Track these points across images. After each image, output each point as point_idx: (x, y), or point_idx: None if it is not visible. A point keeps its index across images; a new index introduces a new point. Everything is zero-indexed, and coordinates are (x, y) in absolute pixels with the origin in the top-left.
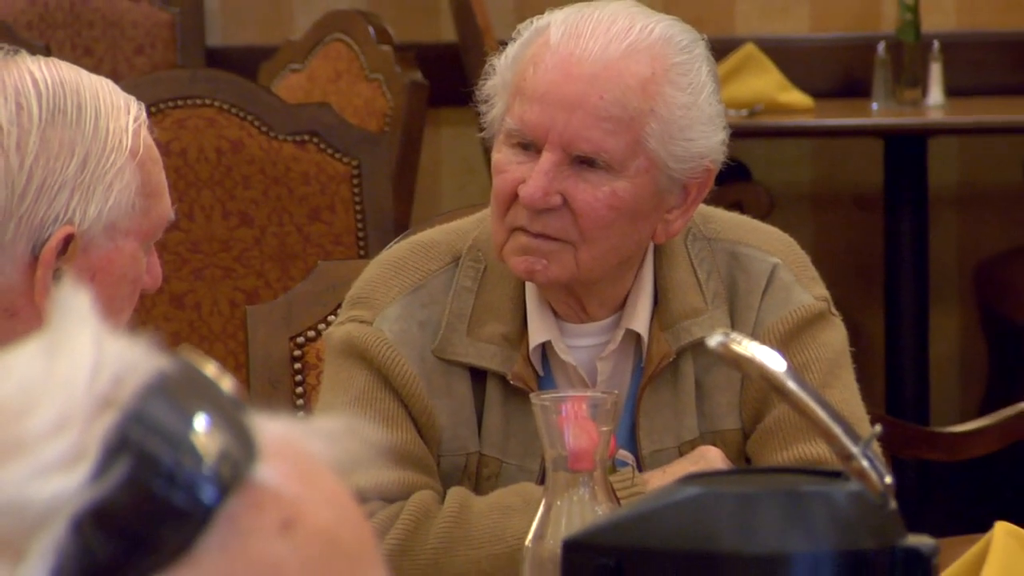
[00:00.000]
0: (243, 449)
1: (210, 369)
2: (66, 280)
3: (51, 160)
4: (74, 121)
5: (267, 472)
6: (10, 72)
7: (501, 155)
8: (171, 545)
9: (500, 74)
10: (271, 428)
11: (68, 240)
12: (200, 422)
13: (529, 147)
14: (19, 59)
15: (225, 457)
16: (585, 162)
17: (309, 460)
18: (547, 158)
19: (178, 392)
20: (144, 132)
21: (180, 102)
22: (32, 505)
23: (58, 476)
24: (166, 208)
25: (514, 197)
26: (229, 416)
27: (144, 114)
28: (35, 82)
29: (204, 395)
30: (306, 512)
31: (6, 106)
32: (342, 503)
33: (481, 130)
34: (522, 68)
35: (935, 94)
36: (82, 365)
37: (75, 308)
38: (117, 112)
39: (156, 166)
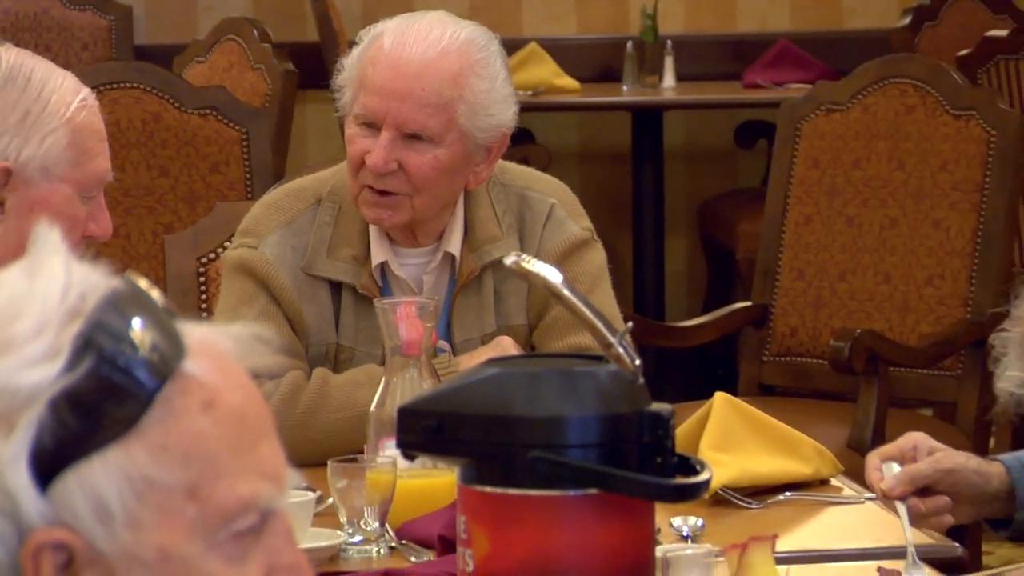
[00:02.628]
0: (174, 347)
1: (151, 289)
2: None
3: None
4: (22, 88)
5: (192, 365)
6: None
7: (351, 130)
8: (122, 420)
9: (348, 70)
10: (195, 331)
11: (8, 173)
12: (137, 323)
13: (372, 125)
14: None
15: (155, 348)
16: (413, 137)
17: (224, 356)
18: (385, 136)
19: (127, 305)
20: (87, 111)
21: (115, 85)
22: (20, 389)
23: (39, 368)
24: (100, 167)
25: (363, 162)
26: (163, 323)
27: (93, 100)
28: (2, 61)
29: (145, 307)
30: (222, 395)
31: None
32: (248, 389)
33: (336, 110)
34: (363, 66)
35: (669, 79)
36: (56, 284)
37: (50, 241)
38: (64, 91)
39: (92, 135)
